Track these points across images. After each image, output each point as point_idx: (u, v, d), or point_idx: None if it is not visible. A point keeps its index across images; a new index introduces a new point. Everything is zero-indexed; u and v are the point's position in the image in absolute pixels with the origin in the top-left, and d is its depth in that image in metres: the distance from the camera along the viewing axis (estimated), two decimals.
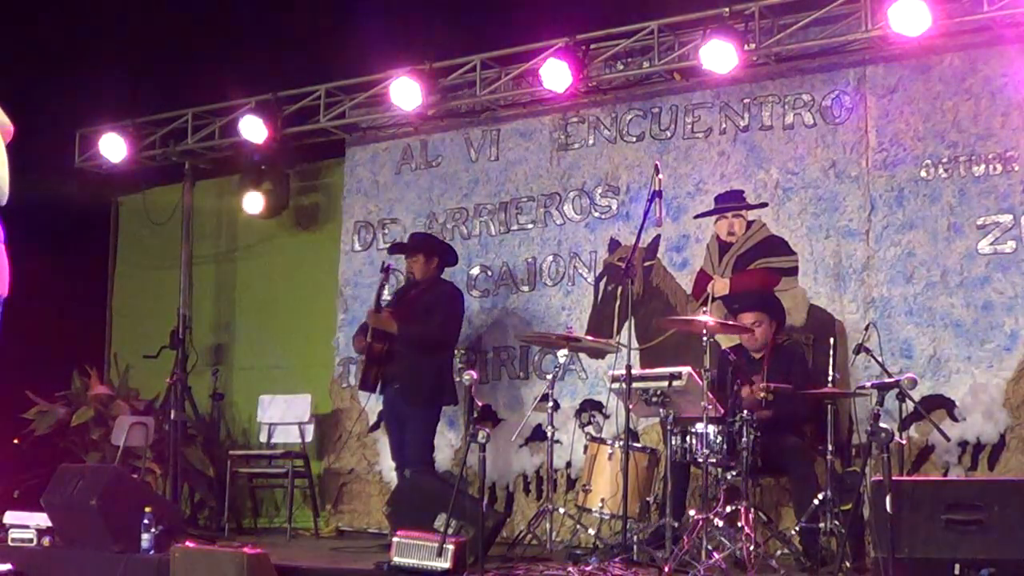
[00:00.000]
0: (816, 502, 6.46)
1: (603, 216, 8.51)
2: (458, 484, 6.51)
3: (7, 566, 6.97)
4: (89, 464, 9.11)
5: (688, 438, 6.55)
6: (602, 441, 7.06)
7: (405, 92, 8.65)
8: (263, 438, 9.37)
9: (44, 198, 9.35)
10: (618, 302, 8.19)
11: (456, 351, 8.31)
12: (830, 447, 6.54)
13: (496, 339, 8.78)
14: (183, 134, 9.91)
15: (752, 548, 6.20)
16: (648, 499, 6.93)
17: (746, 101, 8.08)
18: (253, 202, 9.72)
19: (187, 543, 6.76)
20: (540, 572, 6.27)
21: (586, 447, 7.24)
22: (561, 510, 7.34)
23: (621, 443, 6.68)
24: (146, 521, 6.84)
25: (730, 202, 8.05)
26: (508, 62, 8.63)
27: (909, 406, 6.64)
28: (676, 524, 6.41)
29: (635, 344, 7.89)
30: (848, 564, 6.24)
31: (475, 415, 6.53)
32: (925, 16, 7.00)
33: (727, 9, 7.59)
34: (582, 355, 8.25)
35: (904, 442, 6.94)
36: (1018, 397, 7.05)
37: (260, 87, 9.35)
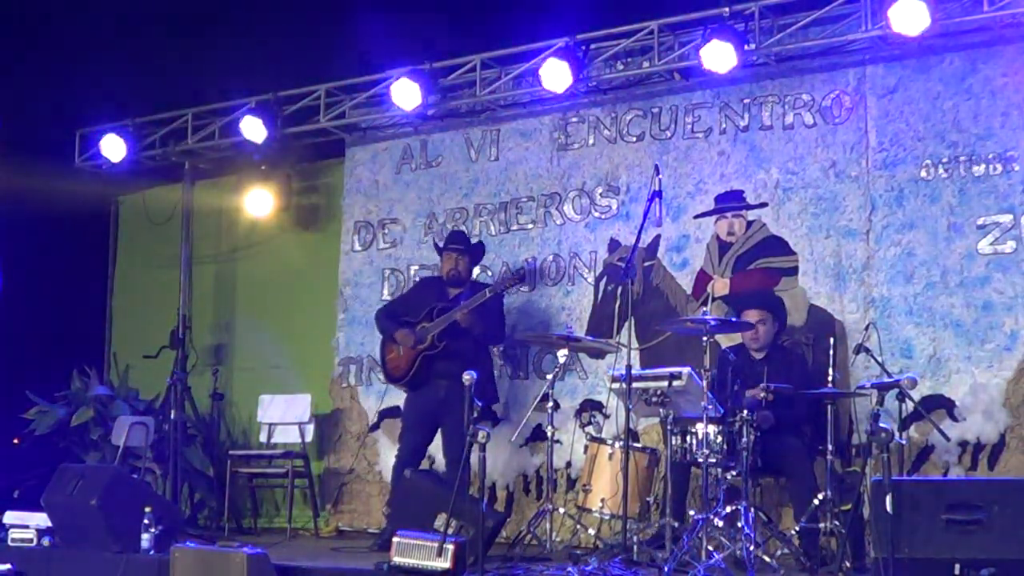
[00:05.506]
0: (816, 502, 6.47)
1: (603, 216, 8.51)
2: (458, 484, 6.50)
3: (7, 566, 6.97)
4: (89, 464, 9.12)
5: (688, 438, 6.55)
6: (602, 441, 7.06)
7: (405, 92, 8.64)
8: (263, 438, 9.37)
9: (44, 198, 9.35)
10: (618, 302, 8.20)
11: None
12: (830, 447, 6.55)
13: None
14: (183, 134, 9.91)
15: (752, 548, 6.20)
16: (648, 499, 6.92)
17: (746, 101, 8.08)
18: (257, 202, 9.73)
19: (187, 543, 6.76)
20: (540, 572, 6.28)
21: (586, 447, 7.23)
22: (561, 510, 7.32)
23: (621, 443, 6.68)
24: (146, 521, 6.84)
25: (730, 202, 8.05)
26: (508, 62, 8.63)
27: (909, 406, 6.62)
28: (676, 524, 6.41)
29: (635, 344, 7.89)
30: (848, 564, 6.25)
31: (475, 415, 6.52)
32: (925, 16, 7.00)
33: (727, 9, 7.58)
34: (582, 355, 8.25)
35: (904, 442, 6.94)
36: (1018, 397, 7.05)
37: (260, 87, 9.35)
